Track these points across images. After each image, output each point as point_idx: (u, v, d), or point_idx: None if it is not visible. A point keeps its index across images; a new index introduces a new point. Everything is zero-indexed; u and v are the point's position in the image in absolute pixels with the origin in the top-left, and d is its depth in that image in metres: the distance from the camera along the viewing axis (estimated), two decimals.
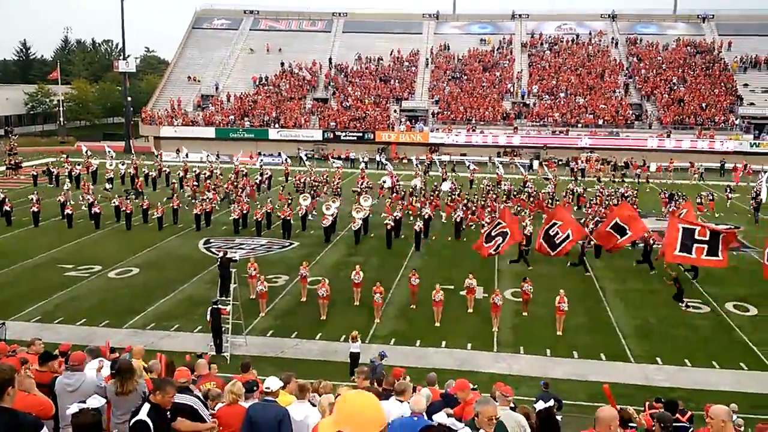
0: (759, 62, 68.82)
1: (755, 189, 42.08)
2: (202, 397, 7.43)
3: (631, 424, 10.40)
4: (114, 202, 34.89)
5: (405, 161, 57.31)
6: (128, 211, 33.23)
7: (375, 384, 10.12)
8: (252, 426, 6.59)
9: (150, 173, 45.48)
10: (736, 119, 62.03)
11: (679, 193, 39.56)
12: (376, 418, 3.26)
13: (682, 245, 22.25)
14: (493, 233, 24.68)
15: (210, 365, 11.93)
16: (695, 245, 22.09)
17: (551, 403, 6.69)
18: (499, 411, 6.87)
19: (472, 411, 6.76)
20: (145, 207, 34.19)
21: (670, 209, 34.84)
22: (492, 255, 25.67)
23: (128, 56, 71.69)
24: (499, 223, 24.95)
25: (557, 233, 24.28)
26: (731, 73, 67.87)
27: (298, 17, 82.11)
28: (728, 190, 41.68)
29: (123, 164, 47.87)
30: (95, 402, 6.07)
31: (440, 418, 6.28)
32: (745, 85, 66.26)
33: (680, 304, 22.80)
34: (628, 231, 25.17)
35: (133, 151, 58.51)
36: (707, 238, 21.96)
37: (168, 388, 6.25)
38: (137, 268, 26.83)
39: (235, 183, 41.92)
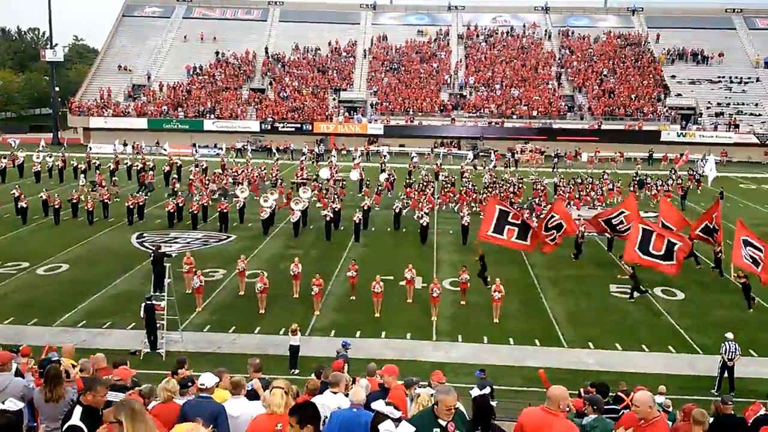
0: (686, 54, 71.49)
1: (696, 172, 44.25)
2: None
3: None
4: (41, 196, 33.57)
5: (344, 152, 57.23)
6: (57, 206, 32.06)
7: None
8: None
9: (79, 165, 43.95)
10: (665, 108, 64.30)
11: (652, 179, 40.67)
12: None
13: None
14: (549, 225, 24.47)
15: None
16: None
17: (487, 390, 6.81)
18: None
19: (400, 397, 6.82)
20: (74, 201, 33.05)
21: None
22: (552, 249, 25.13)
23: (56, 45, 69.01)
24: (552, 216, 24.62)
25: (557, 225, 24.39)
26: (659, 64, 70.27)
27: (233, 5, 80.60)
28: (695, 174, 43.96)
29: (51, 157, 46.11)
30: (12, 405, 5.83)
31: (378, 406, 6.32)
32: (673, 76, 68.76)
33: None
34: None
35: (65, 144, 56.38)
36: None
37: (99, 388, 6.05)
38: (67, 264, 25.94)
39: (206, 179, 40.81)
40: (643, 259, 22.89)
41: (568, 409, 7.23)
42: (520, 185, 40.69)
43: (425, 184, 40.03)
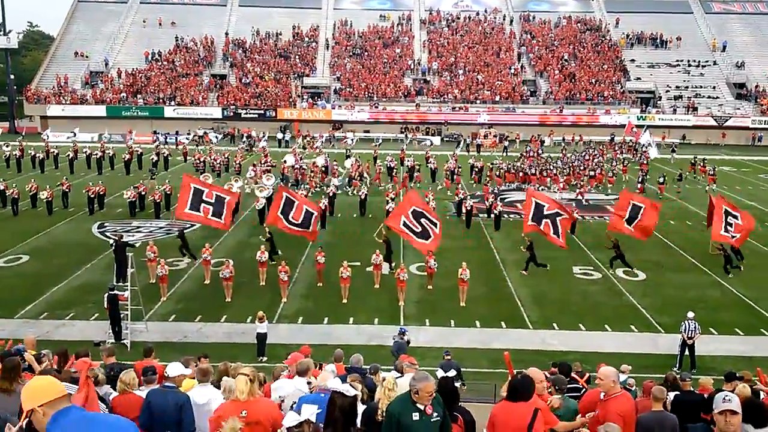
0: (644, 38, 72.59)
1: (642, 150, 45.46)
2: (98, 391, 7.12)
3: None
4: None
5: (309, 139, 56.81)
6: (15, 196, 31.28)
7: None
8: (151, 413, 6.39)
9: (37, 155, 42.91)
10: (623, 92, 65.28)
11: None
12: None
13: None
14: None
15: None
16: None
17: (452, 373, 6.88)
18: (398, 379, 7.03)
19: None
20: (33, 191, 32.29)
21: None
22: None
23: (9, 31, 66.89)
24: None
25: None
26: (619, 49, 71.20)
27: None
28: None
29: (8, 146, 44.92)
30: None
31: (334, 384, 6.36)
32: (632, 60, 69.76)
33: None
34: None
35: (22, 134, 54.94)
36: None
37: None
38: (27, 256, 25.37)
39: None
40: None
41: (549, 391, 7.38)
42: (481, 169, 41.07)
43: (390, 169, 40.10)
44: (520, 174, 40.36)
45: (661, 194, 36.72)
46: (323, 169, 39.19)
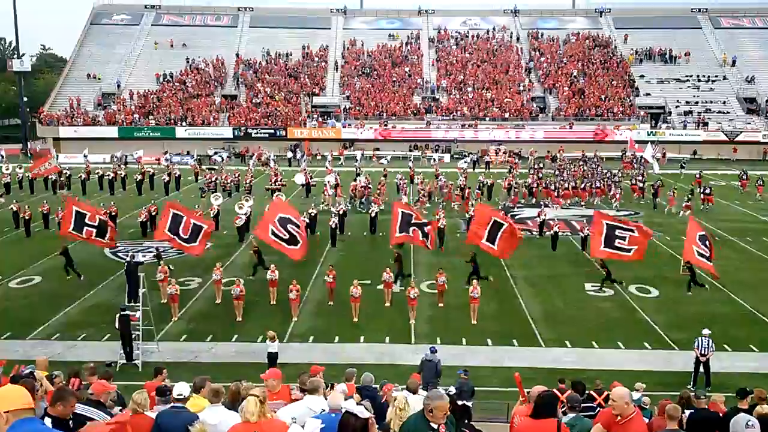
0: (653, 54, 72.57)
1: (641, 168, 45.56)
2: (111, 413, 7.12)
3: None
4: (11, 208, 33.02)
5: (319, 157, 57.18)
6: (27, 217, 31.53)
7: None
8: None
9: (50, 176, 43.29)
10: (631, 108, 65.19)
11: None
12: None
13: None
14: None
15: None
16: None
17: (451, 390, 6.87)
18: (410, 398, 7.00)
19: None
20: (45, 212, 32.54)
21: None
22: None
23: (23, 54, 68.24)
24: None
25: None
26: (628, 65, 71.26)
27: (202, 12, 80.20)
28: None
29: (21, 168, 45.40)
30: None
31: (348, 405, 6.36)
32: (641, 76, 69.75)
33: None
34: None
35: (32, 154, 55.70)
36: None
37: (70, 398, 5.95)
38: (39, 277, 25.53)
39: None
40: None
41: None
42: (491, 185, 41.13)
43: (399, 188, 40.22)
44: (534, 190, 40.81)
45: (671, 206, 36.77)
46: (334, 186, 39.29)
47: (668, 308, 22.39)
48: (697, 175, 44.41)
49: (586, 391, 11.64)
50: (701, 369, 16.69)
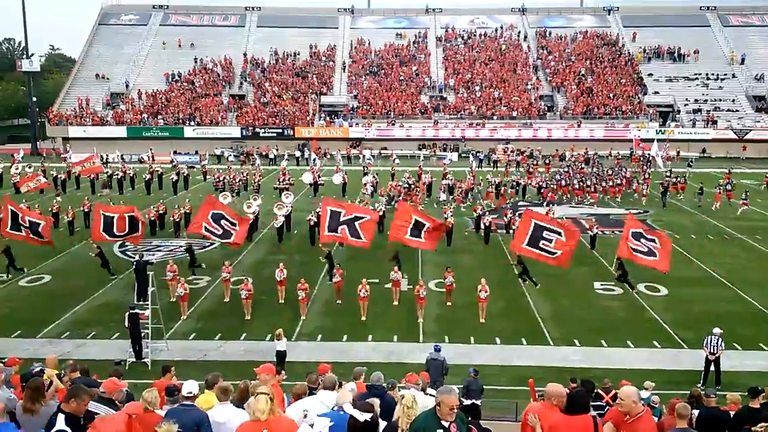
0: (662, 52, 72.26)
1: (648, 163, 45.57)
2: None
3: None
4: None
5: (328, 156, 57.29)
6: None
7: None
8: None
9: (59, 176, 43.53)
10: (640, 106, 64.92)
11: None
12: None
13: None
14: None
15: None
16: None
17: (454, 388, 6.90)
18: (417, 396, 7.00)
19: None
20: (54, 211, 32.71)
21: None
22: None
23: (32, 55, 68.37)
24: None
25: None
26: (636, 63, 70.97)
27: (210, 12, 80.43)
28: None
29: (30, 168, 45.63)
30: None
31: (347, 409, 6.38)
32: (650, 74, 69.45)
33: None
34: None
35: (44, 155, 55.92)
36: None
37: (84, 396, 6.00)
38: (49, 275, 25.66)
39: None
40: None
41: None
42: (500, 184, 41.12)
43: (408, 186, 40.15)
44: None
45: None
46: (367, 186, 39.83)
47: (677, 307, 22.29)
48: (727, 171, 44.06)
49: (595, 390, 11.62)
50: (711, 368, 16.61)
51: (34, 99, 67.95)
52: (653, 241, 22.12)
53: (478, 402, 13.40)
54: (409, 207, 25.43)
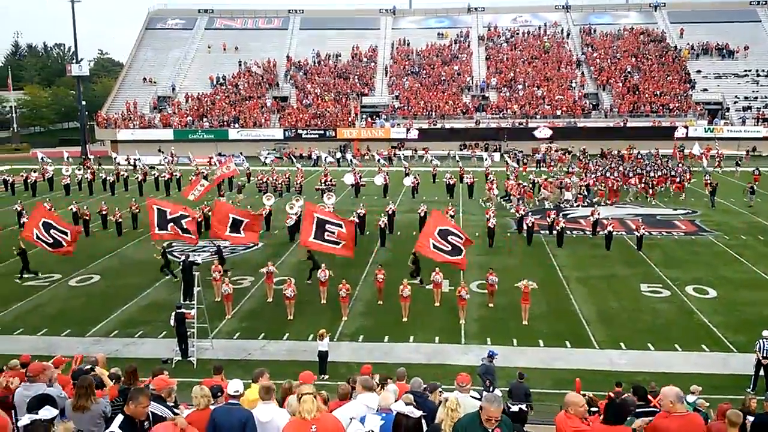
0: (710, 49, 70.49)
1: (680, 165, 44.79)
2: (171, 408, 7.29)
3: (593, 409, 10.57)
4: (71, 209, 34.15)
5: (368, 157, 57.42)
6: (86, 218, 32.55)
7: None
8: (216, 430, 6.51)
9: (108, 178, 44.62)
10: (687, 104, 63.39)
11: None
12: None
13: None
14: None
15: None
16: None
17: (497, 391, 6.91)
18: (461, 398, 6.98)
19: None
20: (104, 213, 33.56)
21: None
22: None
23: (81, 60, 70.23)
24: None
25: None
26: (684, 60, 69.36)
27: (254, 15, 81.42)
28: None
29: (80, 170, 46.91)
30: (47, 413, 5.89)
31: (398, 407, 6.38)
32: (698, 71, 67.80)
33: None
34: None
35: (92, 158, 57.43)
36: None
37: (141, 398, 6.09)
38: (98, 275, 26.32)
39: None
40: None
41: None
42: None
43: (450, 186, 40.09)
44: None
45: None
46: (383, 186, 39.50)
47: (726, 309, 21.70)
48: (755, 172, 42.91)
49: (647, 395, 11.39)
50: (761, 372, 16.12)
51: (84, 103, 69.82)
52: (460, 237, 21.31)
53: (524, 406, 13.25)
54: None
